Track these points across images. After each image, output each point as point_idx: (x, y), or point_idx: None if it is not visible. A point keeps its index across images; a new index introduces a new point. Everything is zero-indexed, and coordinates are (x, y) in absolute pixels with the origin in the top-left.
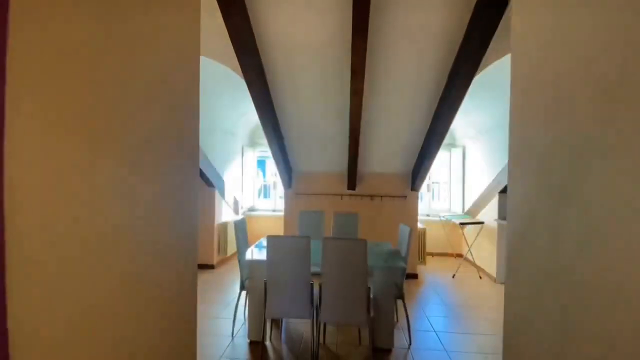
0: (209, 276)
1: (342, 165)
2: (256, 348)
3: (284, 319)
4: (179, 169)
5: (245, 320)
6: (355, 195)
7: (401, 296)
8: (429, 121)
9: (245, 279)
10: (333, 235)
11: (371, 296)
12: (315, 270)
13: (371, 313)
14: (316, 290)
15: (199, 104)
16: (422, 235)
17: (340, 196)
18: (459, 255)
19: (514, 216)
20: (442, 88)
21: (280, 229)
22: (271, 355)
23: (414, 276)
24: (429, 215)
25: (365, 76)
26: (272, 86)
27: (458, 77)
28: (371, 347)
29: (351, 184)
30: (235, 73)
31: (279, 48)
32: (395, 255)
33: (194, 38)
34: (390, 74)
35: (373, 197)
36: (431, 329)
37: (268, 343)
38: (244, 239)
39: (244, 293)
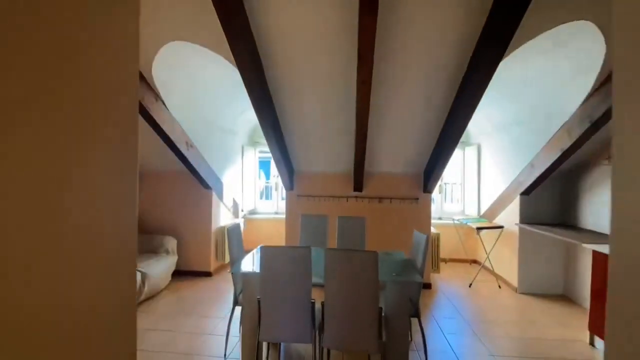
0: (205, 285)
1: (348, 164)
2: None
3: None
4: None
5: (240, 339)
6: (362, 197)
7: (417, 314)
8: (445, 115)
9: (239, 293)
10: (338, 241)
11: (382, 314)
12: (317, 281)
13: (383, 337)
14: (318, 306)
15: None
16: (436, 240)
17: (345, 198)
18: (474, 262)
19: (624, 233)
20: (462, 76)
21: (282, 233)
22: None
23: (427, 286)
24: (440, 218)
25: (374, 63)
26: (269, 75)
27: (482, 62)
28: None
29: (357, 185)
30: (229, 62)
31: (276, 32)
32: (409, 266)
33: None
34: (403, 59)
35: (381, 200)
36: (449, 349)
37: None
38: (238, 248)
39: (239, 308)
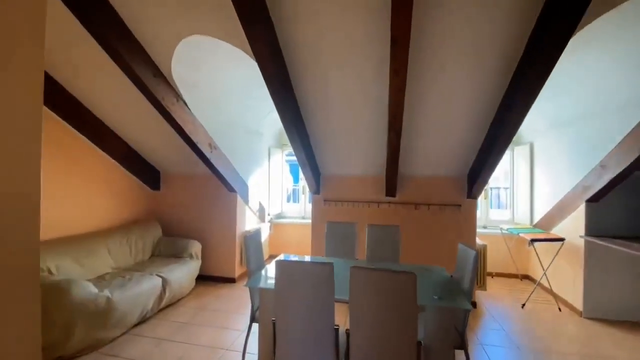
0: (228, 292)
1: (379, 167)
2: None
3: None
4: None
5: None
6: (396, 203)
7: (463, 345)
8: (494, 110)
9: (256, 310)
10: (368, 251)
11: (421, 345)
12: (342, 298)
13: None
14: (343, 331)
15: None
16: (482, 253)
17: (376, 204)
18: (525, 277)
19: None
20: (517, 60)
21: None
22: None
23: (472, 304)
24: (485, 227)
25: (410, 47)
26: (291, 67)
27: (546, 40)
28: None
29: (390, 190)
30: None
31: (297, 16)
32: (453, 288)
33: None
34: (445, 43)
35: (418, 206)
36: None
37: None
38: (257, 258)
39: (256, 325)
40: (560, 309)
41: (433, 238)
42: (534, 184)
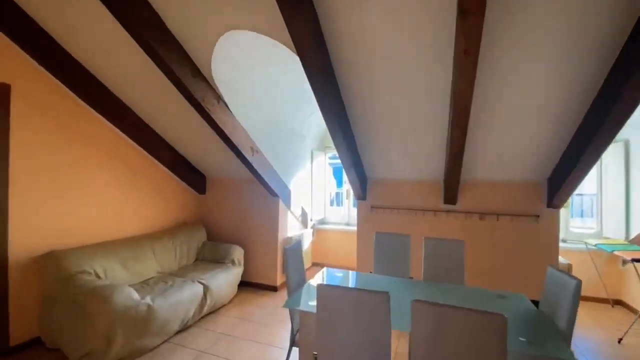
0: (270, 302)
1: (436, 170)
2: None
3: None
4: None
5: None
6: (457, 212)
7: None
8: (589, 103)
9: (296, 332)
10: (424, 269)
11: None
12: (397, 329)
13: None
14: None
15: None
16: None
17: (433, 212)
18: (617, 303)
19: None
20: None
21: (354, 248)
22: None
23: None
24: (565, 240)
25: (484, 20)
26: (335, 56)
27: None
28: None
29: (450, 196)
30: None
31: None
32: (544, 326)
33: None
34: (526, 20)
35: (484, 216)
36: None
37: None
38: (297, 272)
39: (296, 349)
40: None
41: (504, 255)
42: (630, 190)
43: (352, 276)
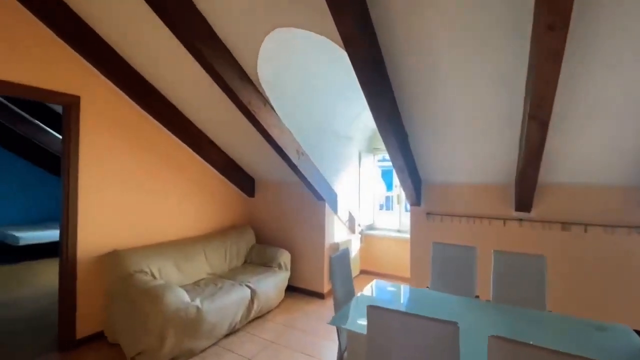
0: (316, 309)
1: (504, 172)
2: None
3: None
4: None
5: None
6: (532, 221)
7: None
8: None
9: (344, 351)
10: (494, 289)
11: None
12: None
13: None
14: None
15: None
16: None
17: (502, 221)
18: None
19: None
20: None
21: (406, 257)
22: None
23: None
24: None
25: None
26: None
27: None
28: None
29: (523, 203)
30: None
31: None
32: None
33: None
34: None
35: (567, 226)
36: None
37: None
38: (344, 283)
39: None
40: None
41: (596, 274)
42: None
43: (406, 292)
